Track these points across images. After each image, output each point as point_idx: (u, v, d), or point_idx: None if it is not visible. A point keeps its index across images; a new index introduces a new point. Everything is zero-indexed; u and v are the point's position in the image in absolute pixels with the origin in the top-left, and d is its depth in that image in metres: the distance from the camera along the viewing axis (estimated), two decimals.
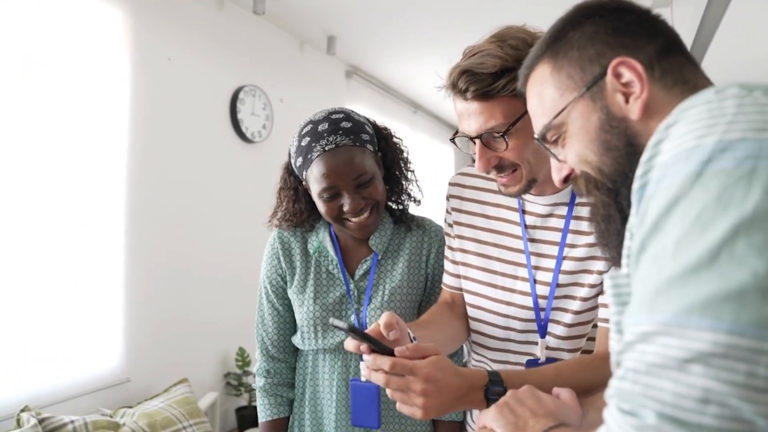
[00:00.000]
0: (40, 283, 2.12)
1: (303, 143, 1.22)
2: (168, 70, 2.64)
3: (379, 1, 3.08)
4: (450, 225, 1.23)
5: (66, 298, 2.21)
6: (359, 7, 3.16)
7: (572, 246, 1.07)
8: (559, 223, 1.09)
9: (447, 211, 1.24)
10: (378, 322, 0.94)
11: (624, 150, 0.67)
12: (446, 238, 1.25)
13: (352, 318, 1.27)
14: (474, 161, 1.06)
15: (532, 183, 1.03)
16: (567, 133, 0.73)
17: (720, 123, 0.47)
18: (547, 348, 1.12)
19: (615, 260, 0.76)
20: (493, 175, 1.05)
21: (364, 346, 0.89)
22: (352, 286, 1.29)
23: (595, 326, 1.15)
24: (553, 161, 0.80)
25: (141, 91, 2.50)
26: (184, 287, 2.73)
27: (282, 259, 1.33)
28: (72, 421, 1.99)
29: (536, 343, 1.13)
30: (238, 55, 3.11)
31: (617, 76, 0.67)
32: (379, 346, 0.89)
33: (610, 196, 0.70)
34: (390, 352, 0.88)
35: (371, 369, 0.88)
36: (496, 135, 0.98)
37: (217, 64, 2.96)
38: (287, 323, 1.36)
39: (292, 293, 1.32)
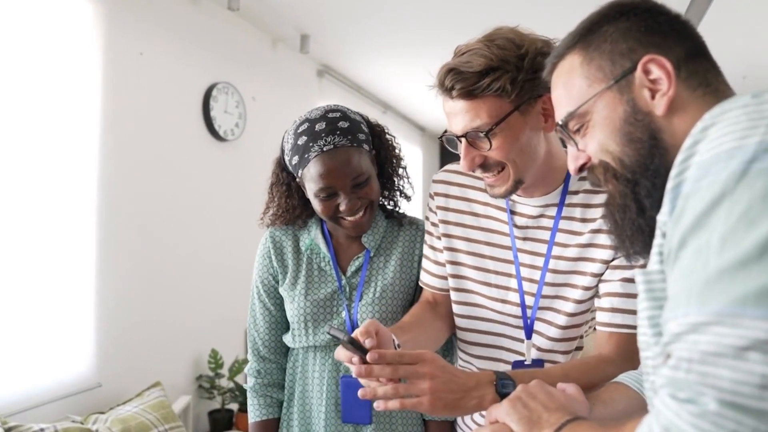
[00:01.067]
0: (6, 285, 2.03)
1: (299, 141, 1.21)
2: (140, 66, 2.57)
3: (354, 0, 3.08)
4: (434, 224, 1.22)
5: (34, 301, 2.12)
6: (333, 5, 3.15)
7: (563, 245, 1.09)
8: (549, 224, 1.10)
9: (430, 209, 1.23)
10: (365, 327, 0.94)
11: (647, 143, 0.70)
12: (428, 237, 1.24)
13: (344, 314, 1.27)
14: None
15: (518, 184, 1.04)
16: (590, 123, 0.75)
17: (761, 125, 0.50)
18: (540, 350, 1.13)
19: (626, 249, 0.78)
20: (479, 174, 1.06)
21: (355, 358, 0.89)
22: (344, 282, 1.29)
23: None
24: (570, 150, 0.81)
25: (112, 87, 2.42)
26: (156, 288, 2.66)
27: (274, 258, 1.33)
28: (41, 429, 1.91)
29: (521, 341, 1.14)
30: (211, 51, 3.05)
31: (646, 72, 0.69)
32: (360, 354, 0.88)
33: (628, 186, 0.73)
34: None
35: (365, 374, 0.86)
36: (481, 134, 0.98)
37: (190, 60, 2.90)
38: (278, 323, 1.35)
39: (283, 290, 1.31)
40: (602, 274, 1.07)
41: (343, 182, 1.18)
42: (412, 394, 0.87)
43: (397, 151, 1.35)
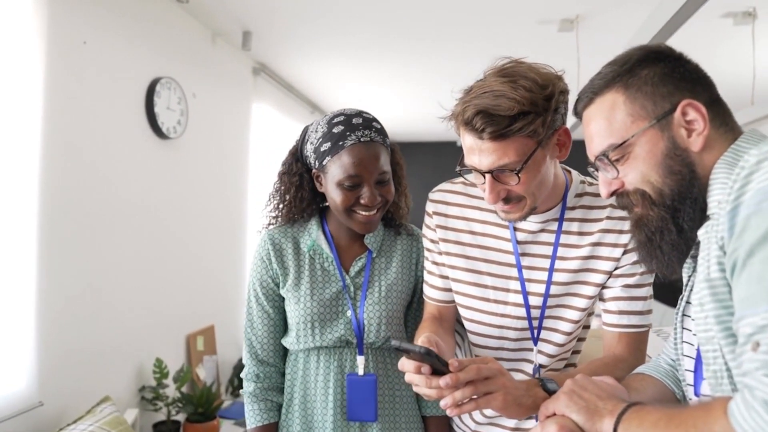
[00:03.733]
0: None
1: (335, 130, 1.25)
2: (83, 55, 2.37)
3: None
4: (434, 241, 1.27)
5: None
6: (280, 3, 3.09)
7: (563, 258, 1.18)
8: (550, 238, 1.19)
9: (429, 227, 1.28)
10: (426, 339, 1.01)
11: (687, 175, 0.83)
12: (428, 253, 1.29)
13: (349, 313, 1.30)
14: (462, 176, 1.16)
15: (532, 210, 1.11)
16: (632, 155, 0.87)
17: None
18: (547, 355, 1.22)
19: (660, 264, 0.91)
20: (498, 205, 1.11)
21: (425, 368, 0.94)
22: (347, 281, 1.32)
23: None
24: (602, 176, 0.93)
25: (54, 77, 2.21)
26: (98, 295, 2.47)
27: (274, 260, 1.33)
28: None
29: (530, 350, 1.23)
30: (154, 44, 2.88)
31: (684, 113, 0.83)
32: (438, 365, 0.94)
33: (668, 212, 0.85)
34: (443, 370, 0.94)
35: (452, 384, 0.91)
36: (510, 171, 1.03)
37: (135, 52, 2.72)
38: (277, 327, 1.36)
39: (286, 292, 1.32)
40: (605, 283, 1.18)
41: (370, 174, 1.24)
42: (490, 391, 0.94)
43: (403, 170, 1.42)
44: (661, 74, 0.86)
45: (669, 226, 0.85)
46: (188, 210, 3.19)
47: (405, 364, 0.97)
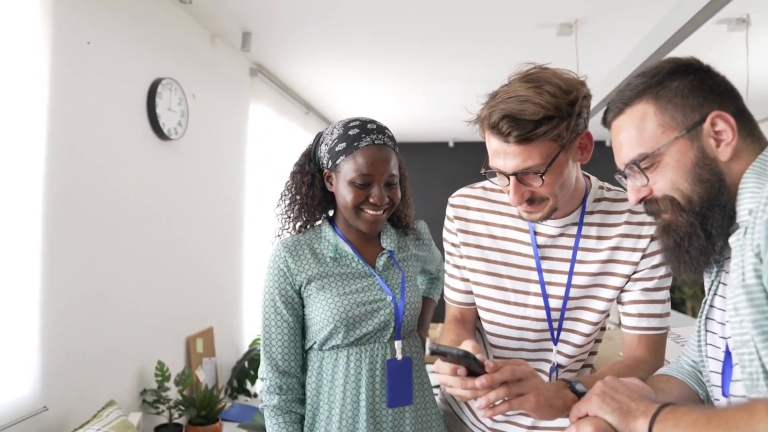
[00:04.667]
0: None
1: (351, 132, 1.32)
2: (88, 56, 2.35)
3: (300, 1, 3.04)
4: (455, 245, 1.31)
5: None
6: (280, 3, 3.08)
7: (582, 262, 1.21)
8: (569, 242, 1.22)
9: (450, 232, 1.32)
10: (468, 344, 1.04)
11: (716, 183, 0.86)
12: (449, 257, 1.34)
13: (389, 299, 1.35)
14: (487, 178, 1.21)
15: (554, 211, 1.14)
16: (661, 164, 0.90)
17: None
18: (566, 356, 1.26)
19: (687, 269, 0.94)
20: (522, 206, 1.14)
21: (461, 370, 0.96)
22: (378, 277, 1.37)
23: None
24: (630, 183, 0.96)
25: (59, 77, 2.19)
26: (99, 296, 2.45)
27: (293, 265, 1.35)
28: None
29: (549, 350, 1.26)
30: (156, 44, 2.85)
31: (713, 125, 0.86)
32: (474, 366, 0.96)
33: (697, 219, 0.88)
34: (478, 371, 0.96)
35: (488, 386, 0.94)
36: (535, 174, 1.07)
37: (138, 52, 2.70)
38: (298, 336, 1.37)
39: (312, 296, 1.34)
40: (623, 287, 1.21)
41: (381, 175, 1.31)
42: (517, 407, 0.97)
43: (406, 182, 1.48)
44: (690, 86, 0.89)
45: (698, 231, 0.88)
46: (188, 212, 3.17)
47: (441, 366, 0.99)
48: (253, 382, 3.60)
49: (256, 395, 3.63)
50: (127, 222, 2.63)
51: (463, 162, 6.45)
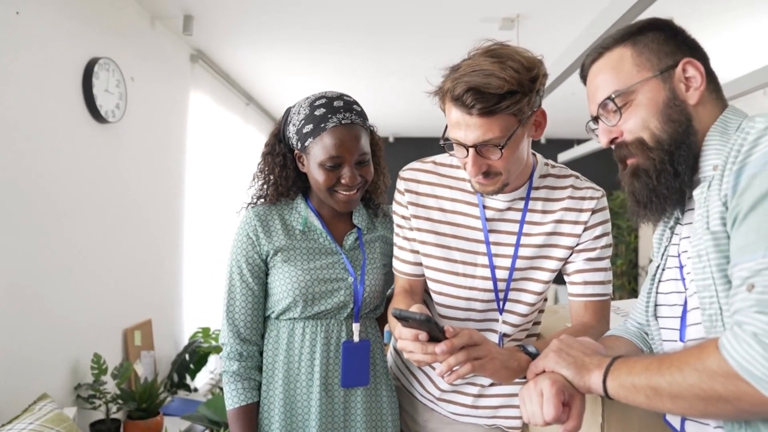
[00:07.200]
0: None
1: (317, 112, 1.29)
2: (16, 27, 2.21)
3: None
4: (405, 218, 1.33)
5: None
6: None
7: (528, 235, 1.27)
8: (516, 216, 1.27)
9: (401, 204, 1.34)
10: (416, 308, 1.07)
11: (684, 124, 0.93)
12: (399, 229, 1.35)
13: (350, 280, 1.36)
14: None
15: (506, 185, 1.19)
16: (634, 102, 0.96)
17: None
18: (511, 325, 1.31)
19: (653, 210, 0.98)
20: (478, 178, 1.17)
21: (423, 335, 0.99)
22: (344, 255, 1.37)
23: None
24: (602, 125, 1.00)
25: None
26: (23, 290, 2.30)
27: (262, 235, 1.34)
28: None
29: (495, 320, 1.31)
30: (92, 21, 2.71)
31: (684, 70, 0.93)
32: (435, 331, 0.99)
33: (666, 155, 0.94)
34: (438, 337, 0.99)
35: (448, 351, 0.97)
36: (494, 146, 1.11)
37: (72, 28, 2.56)
38: (261, 304, 1.38)
39: (276, 266, 1.34)
40: (567, 258, 1.28)
41: (351, 155, 1.29)
42: (477, 372, 1.01)
43: (381, 152, 1.47)
44: (665, 37, 0.96)
45: (666, 167, 0.93)
46: (125, 199, 3.03)
47: (403, 332, 1.01)
48: (193, 377, 3.49)
49: (197, 390, 3.52)
50: (59, 209, 2.49)
51: (404, 158, 6.47)
